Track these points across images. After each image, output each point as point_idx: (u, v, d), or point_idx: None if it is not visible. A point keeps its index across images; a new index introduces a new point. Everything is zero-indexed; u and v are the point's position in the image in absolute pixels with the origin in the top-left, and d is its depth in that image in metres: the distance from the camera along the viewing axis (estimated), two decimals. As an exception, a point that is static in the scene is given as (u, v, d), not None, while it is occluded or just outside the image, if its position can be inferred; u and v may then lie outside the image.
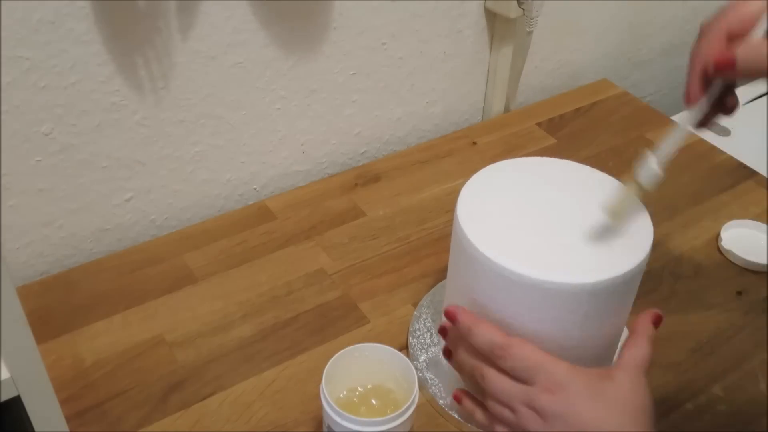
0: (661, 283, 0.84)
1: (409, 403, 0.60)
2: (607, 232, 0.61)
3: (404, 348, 0.76)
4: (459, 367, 0.63)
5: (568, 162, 0.69)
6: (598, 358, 0.65)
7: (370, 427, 0.59)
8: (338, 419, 0.59)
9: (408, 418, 0.60)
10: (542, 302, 0.58)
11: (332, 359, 0.62)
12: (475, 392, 0.62)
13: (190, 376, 0.73)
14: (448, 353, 0.64)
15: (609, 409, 0.54)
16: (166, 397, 0.71)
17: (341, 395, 0.64)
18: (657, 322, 0.60)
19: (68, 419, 0.52)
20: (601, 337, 0.63)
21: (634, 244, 0.60)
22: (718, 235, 0.89)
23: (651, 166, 0.59)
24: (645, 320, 0.60)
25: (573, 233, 0.61)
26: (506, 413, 0.57)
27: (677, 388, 0.73)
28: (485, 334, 0.58)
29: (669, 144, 0.59)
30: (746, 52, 0.54)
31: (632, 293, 0.63)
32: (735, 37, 0.56)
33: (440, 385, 0.71)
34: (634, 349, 0.58)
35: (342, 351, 0.63)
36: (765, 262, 0.85)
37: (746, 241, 0.89)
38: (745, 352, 0.77)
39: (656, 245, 0.60)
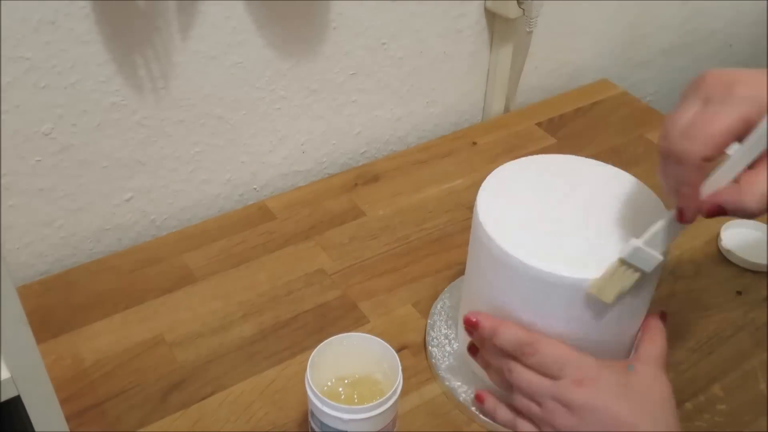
0: (661, 283, 0.84)
1: (390, 392, 0.60)
2: (628, 228, 0.61)
3: (405, 348, 0.76)
4: (485, 364, 0.64)
5: (583, 159, 0.70)
6: (616, 357, 0.65)
7: (352, 414, 0.59)
8: (321, 405, 0.59)
9: (390, 408, 0.60)
10: (566, 299, 0.58)
11: (318, 347, 0.62)
12: (501, 388, 0.63)
13: (190, 376, 0.73)
14: (473, 350, 0.65)
15: (638, 402, 0.55)
16: (165, 397, 0.71)
17: (329, 383, 0.64)
18: (664, 319, 0.63)
19: (68, 419, 0.52)
20: (620, 333, 0.63)
21: None
22: (718, 235, 0.89)
23: (634, 246, 0.57)
24: (654, 318, 0.63)
25: (594, 231, 0.61)
26: (533, 408, 0.58)
27: (677, 388, 0.72)
28: (511, 333, 0.59)
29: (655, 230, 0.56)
30: (729, 198, 0.51)
31: (652, 290, 0.63)
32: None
33: (463, 386, 0.71)
34: (651, 345, 0.60)
35: (330, 339, 0.63)
36: (765, 262, 0.85)
37: (746, 241, 0.88)
38: (745, 352, 0.77)
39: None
